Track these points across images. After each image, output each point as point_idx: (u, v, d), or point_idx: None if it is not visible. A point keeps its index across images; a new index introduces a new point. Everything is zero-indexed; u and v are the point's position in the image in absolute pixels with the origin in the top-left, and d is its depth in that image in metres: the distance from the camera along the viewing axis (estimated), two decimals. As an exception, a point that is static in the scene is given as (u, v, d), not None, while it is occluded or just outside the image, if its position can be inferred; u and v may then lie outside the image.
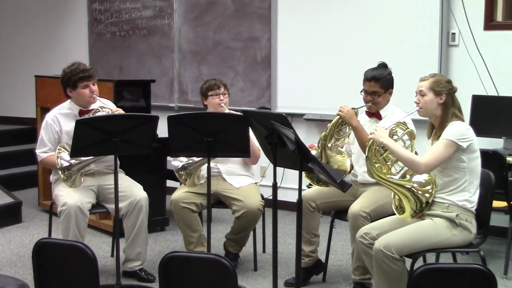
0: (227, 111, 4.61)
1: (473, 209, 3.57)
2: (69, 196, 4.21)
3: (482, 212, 3.66)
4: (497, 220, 4.76)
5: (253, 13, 6.56)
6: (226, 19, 6.74)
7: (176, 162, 4.49)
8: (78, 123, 3.91)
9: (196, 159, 4.43)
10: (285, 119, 3.48)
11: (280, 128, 3.42)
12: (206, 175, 4.21)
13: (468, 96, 5.29)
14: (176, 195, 4.57)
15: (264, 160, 4.36)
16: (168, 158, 5.20)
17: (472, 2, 5.52)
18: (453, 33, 5.59)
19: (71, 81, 4.36)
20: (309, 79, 6.29)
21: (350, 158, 4.35)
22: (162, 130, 4.19)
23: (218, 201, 4.65)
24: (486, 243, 3.96)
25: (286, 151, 3.47)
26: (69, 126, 4.29)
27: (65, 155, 4.17)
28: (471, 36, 5.49)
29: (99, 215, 5.49)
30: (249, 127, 4.01)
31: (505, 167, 4.56)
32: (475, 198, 3.58)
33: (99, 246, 5.25)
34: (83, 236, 4.20)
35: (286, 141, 3.43)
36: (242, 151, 4.15)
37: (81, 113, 4.42)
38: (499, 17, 5.52)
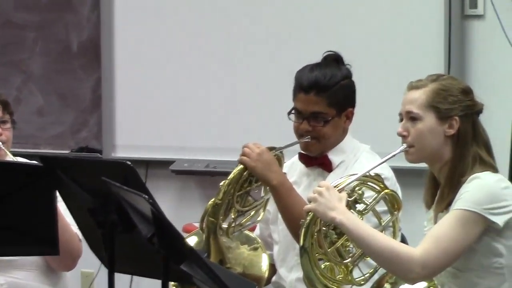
0: (9, 157, 3.93)
1: None
2: None
3: None
4: None
5: None
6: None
7: None
8: None
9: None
10: (131, 172, 3.01)
11: (122, 192, 2.87)
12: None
13: (507, 119, 4.67)
14: None
15: (89, 261, 3.64)
16: None
17: None
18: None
19: None
20: (175, 97, 5.51)
21: (269, 252, 3.72)
22: None
23: None
24: None
25: (134, 239, 2.98)
26: None
27: None
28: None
29: None
30: (56, 190, 3.43)
31: None
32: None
33: None
34: None
35: (135, 219, 2.89)
36: (43, 242, 3.57)
37: None
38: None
